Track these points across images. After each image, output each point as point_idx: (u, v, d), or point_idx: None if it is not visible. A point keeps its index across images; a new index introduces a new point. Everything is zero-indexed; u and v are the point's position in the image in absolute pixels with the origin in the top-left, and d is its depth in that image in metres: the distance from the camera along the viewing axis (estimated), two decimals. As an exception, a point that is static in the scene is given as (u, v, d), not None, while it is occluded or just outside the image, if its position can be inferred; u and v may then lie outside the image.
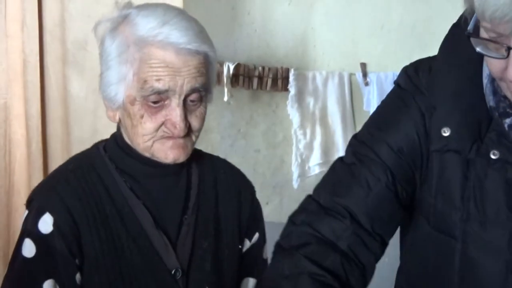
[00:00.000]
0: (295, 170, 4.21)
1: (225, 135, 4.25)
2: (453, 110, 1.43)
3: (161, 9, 1.58)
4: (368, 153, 1.51)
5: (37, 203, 1.61)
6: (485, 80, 1.44)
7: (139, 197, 1.65)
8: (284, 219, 1.59)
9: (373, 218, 1.48)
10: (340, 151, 4.19)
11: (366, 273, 1.50)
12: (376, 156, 1.50)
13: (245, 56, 4.15)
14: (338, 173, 1.56)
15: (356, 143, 1.56)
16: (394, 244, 1.64)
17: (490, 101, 1.42)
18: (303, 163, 4.19)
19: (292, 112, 4.14)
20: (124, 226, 1.61)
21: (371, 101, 4.13)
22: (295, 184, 4.20)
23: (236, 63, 4.00)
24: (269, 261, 1.58)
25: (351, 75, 4.27)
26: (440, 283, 1.51)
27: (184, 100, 1.57)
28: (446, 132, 1.42)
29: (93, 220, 1.59)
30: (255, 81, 4.07)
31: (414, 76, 1.53)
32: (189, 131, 1.61)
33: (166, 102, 1.56)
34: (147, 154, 1.62)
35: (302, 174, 4.20)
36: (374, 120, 1.60)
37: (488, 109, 1.42)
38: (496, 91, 1.42)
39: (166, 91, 1.54)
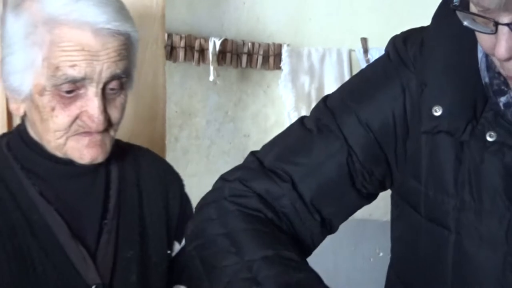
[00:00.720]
0: (288, 157, 4.17)
1: (211, 118, 4.24)
2: (446, 87, 1.41)
3: None
4: (330, 124, 1.47)
5: None
6: (479, 54, 1.41)
7: (51, 202, 1.54)
8: None
9: (316, 194, 1.46)
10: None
11: (302, 246, 1.48)
12: (337, 129, 1.47)
13: (233, 31, 4.14)
14: (293, 137, 1.52)
15: (322, 108, 1.52)
16: (387, 236, 1.64)
17: (485, 77, 1.40)
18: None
19: (285, 93, 4.14)
20: (34, 238, 1.49)
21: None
22: (288, 172, 4.17)
23: (223, 39, 3.98)
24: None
25: (350, 51, 4.27)
26: (432, 277, 1.49)
27: (103, 89, 1.48)
28: (437, 112, 1.39)
29: None
30: (244, 58, 4.07)
31: (401, 48, 1.50)
32: (107, 125, 1.52)
33: (81, 91, 1.47)
34: (58, 154, 1.53)
35: (297, 161, 4.18)
36: (350, 86, 1.57)
37: (484, 86, 1.40)
38: (490, 67, 1.40)
39: (83, 79, 1.44)
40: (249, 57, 4.08)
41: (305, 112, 4.11)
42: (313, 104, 4.08)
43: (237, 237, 1.37)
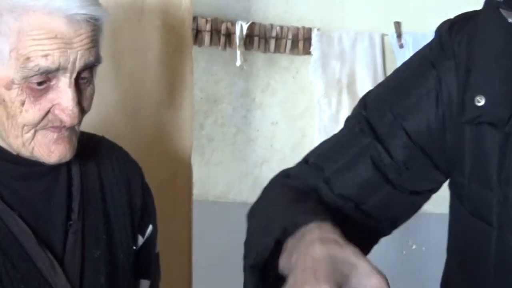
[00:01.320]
0: (318, 145, 4.16)
1: (238, 105, 4.21)
2: (491, 77, 1.36)
3: None
4: (367, 121, 1.49)
5: None
6: None
7: (13, 208, 1.45)
8: None
9: (349, 191, 1.49)
10: (370, 123, 4.16)
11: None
12: (369, 127, 1.48)
13: (261, 14, 4.09)
14: (335, 136, 1.58)
15: (361, 104, 1.55)
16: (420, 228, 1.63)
17: None
18: (328, 137, 4.13)
19: (315, 79, 4.10)
20: None
21: (407, 66, 4.08)
22: (318, 162, 4.16)
23: (250, 22, 3.95)
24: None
25: (383, 35, 4.22)
26: (474, 276, 1.48)
27: (76, 79, 1.40)
28: (480, 101, 1.36)
29: None
30: (272, 43, 4.03)
31: (445, 35, 1.46)
32: None
33: (52, 83, 1.38)
34: (24, 152, 1.43)
35: (327, 150, 4.16)
36: (387, 82, 1.58)
37: None
38: None
39: (57, 69, 1.35)
40: (278, 42, 4.04)
41: (335, 99, 4.12)
42: (344, 91, 4.14)
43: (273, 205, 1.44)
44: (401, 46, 4.14)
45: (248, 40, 3.96)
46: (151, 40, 2.22)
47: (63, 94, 1.37)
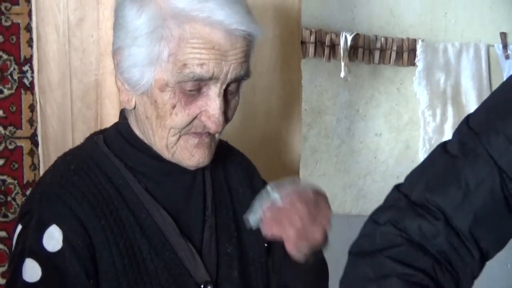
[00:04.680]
0: (423, 157, 4.10)
1: (342, 116, 4.20)
2: None
3: None
4: (476, 146, 1.42)
5: (37, 215, 1.45)
6: None
7: (158, 200, 1.54)
8: None
9: (472, 224, 1.41)
10: (475, 135, 4.10)
11: (461, 285, 1.44)
12: (484, 151, 1.41)
13: (365, 26, 4.09)
14: (437, 165, 1.48)
15: (465, 129, 1.47)
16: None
17: None
18: (432, 149, 4.10)
19: (420, 90, 4.08)
20: (144, 236, 1.50)
21: (514, 76, 4.01)
22: (422, 173, 4.12)
23: (354, 34, 3.94)
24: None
25: (489, 46, 4.17)
26: None
27: (224, 90, 1.46)
28: None
29: (110, 231, 1.46)
30: (377, 54, 4.02)
31: None
32: None
33: (203, 90, 1.44)
34: (165, 154, 1.51)
35: (431, 162, 4.12)
36: (493, 101, 1.50)
37: None
38: None
39: (210, 78, 1.42)
40: (382, 53, 4.03)
41: (440, 110, 4.09)
42: (449, 102, 4.09)
43: None
44: (507, 57, 4.09)
45: (353, 51, 3.96)
46: (261, 52, 2.25)
47: (211, 102, 1.44)
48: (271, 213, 1.50)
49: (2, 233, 2.35)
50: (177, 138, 1.48)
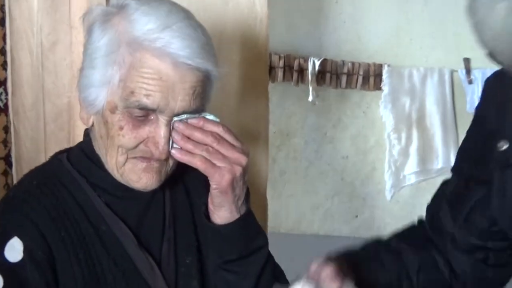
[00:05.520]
0: (388, 180, 4.19)
1: (309, 139, 4.26)
2: None
3: (165, 9, 1.46)
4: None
5: (0, 227, 1.48)
6: None
7: (117, 214, 1.55)
8: (376, 234, 1.57)
9: None
10: (440, 157, 4.15)
11: None
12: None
13: (333, 51, 4.14)
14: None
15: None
16: None
17: None
18: (397, 171, 4.16)
19: (385, 114, 4.13)
20: (104, 248, 1.51)
21: (476, 101, 4.06)
22: (388, 195, 4.19)
23: (322, 59, 3.99)
24: None
25: (452, 72, 4.23)
26: None
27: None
28: None
29: (70, 243, 1.48)
30: (344, 78, 4.06)
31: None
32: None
33: (151, 117, 1.45)
34: (116, 175, 1.52)
35: (396, 184, 4.17)
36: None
37: None
38: None
39: (154, 110, 1.43)
40: (349, 77, 4.07)
41: (405, 134, 4.15)
42: (414, 125, 4.13)
43: None
44: (470, 82, 4.14)
45: (320, 76, 4.00)
46: (228, 75, 2.25)
47: (158, 130, 1.45)
48: None
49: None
50: (125, 158, 1.49)
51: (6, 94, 2.13)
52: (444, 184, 1.62)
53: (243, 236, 1.57)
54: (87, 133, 1.60)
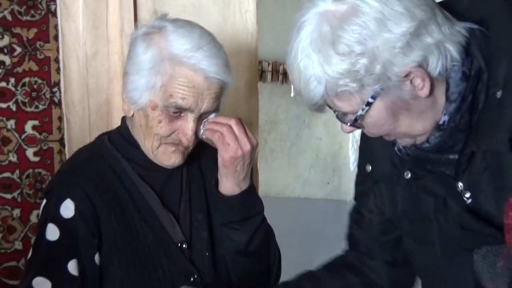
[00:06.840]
0: (351, 155, 4.21)
1: (292, 125, 4.27)
2: None
3: (198, 32, 1.50)
4: None
5: (57, 191, 1.52)
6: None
7: (147, 182, 1.57)
8: (343, 197, 1.56)
9: None
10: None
11: None
12: None
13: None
14: None
15: None
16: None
17: None
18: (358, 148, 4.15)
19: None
20: (136, 208, 1.54)
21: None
22: (351, 167, 4.19)
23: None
24: None
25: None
26: None
27: (198, 116, 1.51)
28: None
29: (110, 204, 1.51)
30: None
31: None
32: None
33: (183, 114, 1.49)
34: (150, 155, 1.55)
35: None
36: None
37: None
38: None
39: (187, 109, 1.47)
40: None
41: None
42: None
43: None
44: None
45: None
46: None
47: (187, 124, 1.49)
48: None
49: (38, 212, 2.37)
50: (159, 143, 1.52)
51: (60, 92, 2.14)
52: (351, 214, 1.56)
53: (244, 206, 1.58)
54: (124, 120, 1.61)
